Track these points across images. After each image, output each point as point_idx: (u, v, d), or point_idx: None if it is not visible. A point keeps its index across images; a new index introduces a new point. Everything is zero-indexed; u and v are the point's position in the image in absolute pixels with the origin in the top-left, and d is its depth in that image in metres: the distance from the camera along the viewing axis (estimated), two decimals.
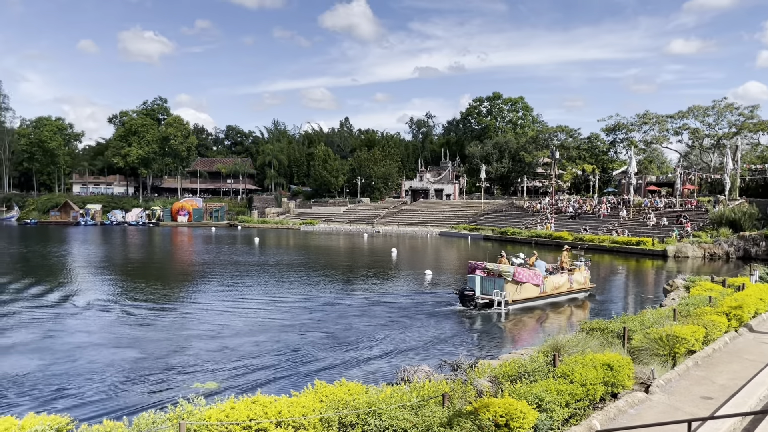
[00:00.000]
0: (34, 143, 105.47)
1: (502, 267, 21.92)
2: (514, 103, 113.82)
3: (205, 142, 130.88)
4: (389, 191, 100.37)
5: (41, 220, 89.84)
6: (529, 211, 67.85)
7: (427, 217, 77.29)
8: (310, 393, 8.21)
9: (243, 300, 23.58)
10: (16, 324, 18.67)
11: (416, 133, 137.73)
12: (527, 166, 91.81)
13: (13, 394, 11.84)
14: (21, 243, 52.79)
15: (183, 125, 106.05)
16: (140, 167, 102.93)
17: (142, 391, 12.11)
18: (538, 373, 9.65)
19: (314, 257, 42.30)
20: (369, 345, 16.18)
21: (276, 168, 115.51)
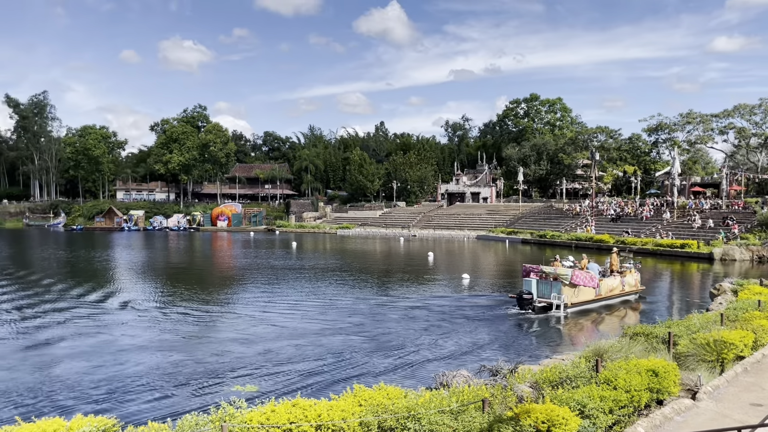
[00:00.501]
0: (80, 151, 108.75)
1: (560, 270, 21.69)
2: (552, 104, 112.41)
3: (243, 149, 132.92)
4: (425, 195, 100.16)
5: (87, 226, 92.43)
6: (569, 214, 66.81)
7: (463, 221, 76.83)
8: (350, 397, 8.23)
9: (282, 304, 23.79)
10: (64, 327, 19.22)
11: (452, 136, 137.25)
12: (566, 168, 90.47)
13: (61, 396, 12.18)
14: (68, 248, 54.41)
15: (222, 132, 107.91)
16: (181, 174, 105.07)
17: (184, 394, 12.33)
18: (580, 378, 9.48)
19: (351, 261, 42.46)
20: (407, 349, 16.14)
21: (312, 173, 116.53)
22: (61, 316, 21.05)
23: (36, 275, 33.80)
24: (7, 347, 16.53)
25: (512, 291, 26.92)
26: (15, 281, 31.05)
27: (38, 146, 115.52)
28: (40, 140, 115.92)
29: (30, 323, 19.88)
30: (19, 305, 23.48)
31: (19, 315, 21.41)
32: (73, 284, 29.84)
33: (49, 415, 7.66)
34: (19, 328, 19.15)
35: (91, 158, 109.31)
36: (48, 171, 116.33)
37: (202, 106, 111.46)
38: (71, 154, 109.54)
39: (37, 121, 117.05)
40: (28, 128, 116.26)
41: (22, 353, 15.84)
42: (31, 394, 12.23)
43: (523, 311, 21.32)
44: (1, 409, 11.36)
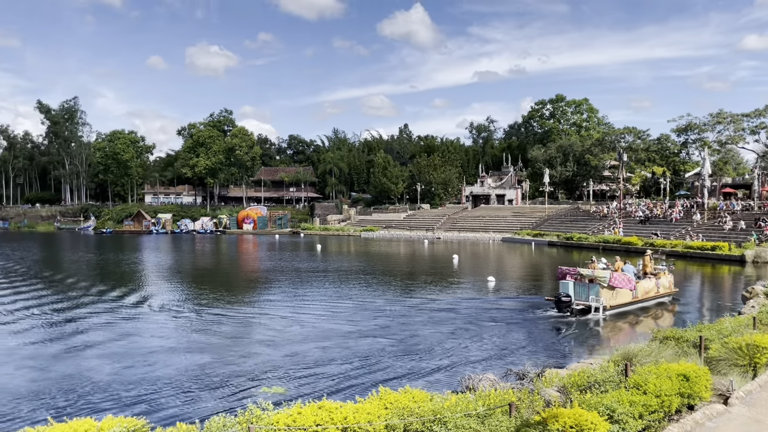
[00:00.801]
0: (109, 156, 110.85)
1: (598, 272, 21.47)
2: (578, 105, 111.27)
3: (268, 152, 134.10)
4: (449, 197, 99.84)
5: (116, 229, 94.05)
6: (596, 216, 65.99)
7: (488, 223, 76.40)
8: (375, 400, 8.22)
9: (308, 306, 23.91)
10: (95, 328, 19.57)
11: (476, 138, 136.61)
12: (593, 170, 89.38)
13: (92, 396, 12.39)
14: (98, 251, 55.41)
15: (248, 136, 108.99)
16: (207, 177, 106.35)
17: (212, 395, 12.45)
18: (608, 383, 9.36)
19: (376, 264, 42.50)
20: (433, 352, 16.09)
21: (337, 176, 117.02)
22: (92, 318, 21.43)
23: (67, 278, 34.48)
24: (40, 348, 16.88)
25: (541, 293, 26.91)
26: (47, 283, 31.70)
27: (69, 151, 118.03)
28: (71, 145, 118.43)
29: (62, 325, 20.28)
30: (51, 307, 23.97)
31: (51, 316, 21.86)
32: (104, 286, 30.37)
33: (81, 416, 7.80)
34: (52, 329, 19.55)
35: (120, 162, 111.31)
36: (78, 175, 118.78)
37: (228, 111, 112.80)
38: (101, 159, 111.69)
39: (67, 126, 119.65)
40: (59, 134, 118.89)
41: (54, 354, 16.16)
42: (63, 395, 12.46)
43: (561, 314, 21.11)
44: (33, 409, 11.60)
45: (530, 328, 19.27)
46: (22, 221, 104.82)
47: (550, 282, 33.08)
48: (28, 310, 23.26)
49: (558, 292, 21.92)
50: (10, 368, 14.71)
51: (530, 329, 19.15)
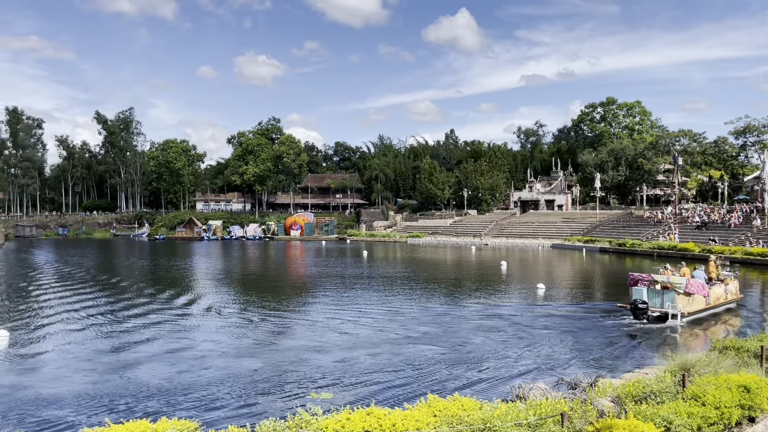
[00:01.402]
0: (162, 164, 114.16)
1: (673, 279, 21.08)
2: (630, 107, 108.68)
3: (315, 159, 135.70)
4: (497, 203, 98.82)
5: (168, 235, 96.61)
6: (650, 222, 64.17)
7: (537, 229, 75.24)
8: (424, 407, 8.16)
9: (355, 312, 23.97)
10: (149, 332, 20.11)
11: (524, 143, 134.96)
12: (646, 174, 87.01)
13: (146, 399, 12.71)
14: (152, 257, 57.06)
15: (295, 143, 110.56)
16: (256, 184, 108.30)
17: (262, 399, 12.61)
18: (665, 394, 9.07)
19: (422, 270, 42.37)
20: (481, 360, 15.90)
21: (382, 182, 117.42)
22: (147, 322, 22.04)
23: (123, 283, 35.60)
24: (96, 351, 17.44)
25: (593, 301, 26.43)
26: (104, 288, 32.79)
27: (124, 160, 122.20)
28: (126, 154, 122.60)
29: (118, 328, 20.91)
30: (107, 311, 24.77)
31: (107, 320, 22.58)
32: (158, 292, 31.21)
33: (136, 418, 7.99)
34: (108, 332, 20.18)
35: (172, 171, 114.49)
36: (133, 183, 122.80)
37: (275, 119, 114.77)
38: (154, 167, 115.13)
39: (123, 136, 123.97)
40: (115, 143, 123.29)
41: (110, 357, 16.67)
42: (119, 397, 12.83)
43: (638, 321, 20.70)
44: (91, 410, 11.97)
45: (582, 336, 18.83)
46: (80, 228, 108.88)
47: (603, 289, 32.32)
48: (87, 313, 24.08)
49: (632, 299, 21.48)
50: (69, 370, 15.24)
51: (582, 337, 18.71)
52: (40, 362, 16.26)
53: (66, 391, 13.28)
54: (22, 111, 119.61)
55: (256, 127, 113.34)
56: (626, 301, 22.77)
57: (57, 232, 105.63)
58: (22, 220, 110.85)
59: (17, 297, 29.19)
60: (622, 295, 27.50)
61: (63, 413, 11.74)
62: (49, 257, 57.06)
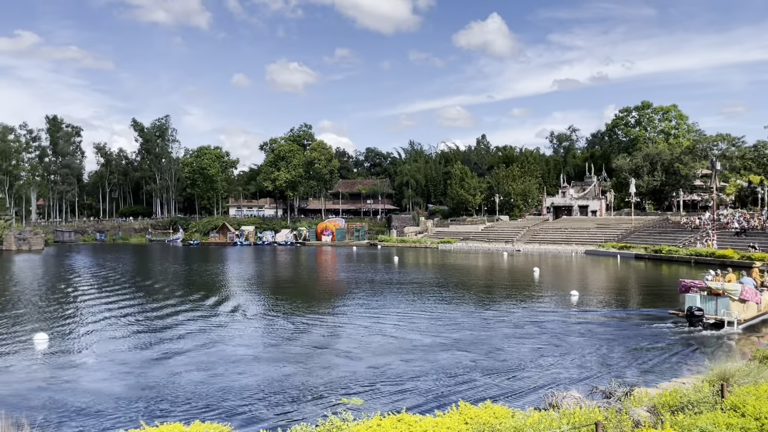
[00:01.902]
0: (196, 171, 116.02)
1: (728, 286, 20.78)
2: (666, 111, 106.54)
3: (346, 165, 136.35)
4: (529, 208, 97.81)
5: (202, 241, 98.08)
6: (687, 228, 62.74)
7: (571, 235, 74.21)
8: (455, 414, 8.10)
9: (387, 318, 23.95)
10: (184, 336, 20.41)
11: (557, 148, 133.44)
12: (683, 179, 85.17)
13: (179, 402, 12.89)
14: (186, 262, 57.97)
15: (326, 149, 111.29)
16: (288, 190, 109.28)
17: (294, 404, 12.66)
18: (703, 404, 8.85)
19: (454, 276, 42.15)
20: (513, 367, 15.71)
21: (413, 187, 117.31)
22: (181, 326, 22.38)
23: (159, 287, 36.24)
24: (132, 354, 17.76)
25: (628, 308, 25.97)
26: (139, 292, 33.43)
27: (160, 167, 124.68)
28: (162, 161, 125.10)
29: (152, 332, 21.28)
30: (142, 315, 25.23)
31: (142, 324, 23.00)
32: (192, 296, 31.68)
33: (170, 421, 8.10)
34: (143, 336, 20.55)
35: (206, 177, 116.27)
36: (168, 189, 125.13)
37: (307, 125, 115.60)
38: (188, 174, 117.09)
39: (159, 143, 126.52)
40: (151, 150, 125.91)
41: (145, 360, 16.95)
42: (153, 401, 13.03)
43: (694, 328, 20.38)
44: (126, 413, 12.18)
45: (617, 345, 18.45)
46: (117, 234, 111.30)
47: (642, 295, 31.70)
48: (123, 317, 24.58)
49: (686, 305, 21.22)
50: (105, 373, 15.56)
51: (617, 345, 18.34)
52: (77, 365, 16.63)
53: (102, 393, 13.55)
54: (62, 119, 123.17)
55: (288, 133, 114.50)
56: (676, 308, 22.52)
57: (95, 238, 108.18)
58: (61, 225, 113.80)
59: (56, 301, 29.95)
60: (661, 302, 26.94)
61: (99, 415, 11.97)
62: (86, 262, 58.44)
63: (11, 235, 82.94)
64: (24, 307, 27.66)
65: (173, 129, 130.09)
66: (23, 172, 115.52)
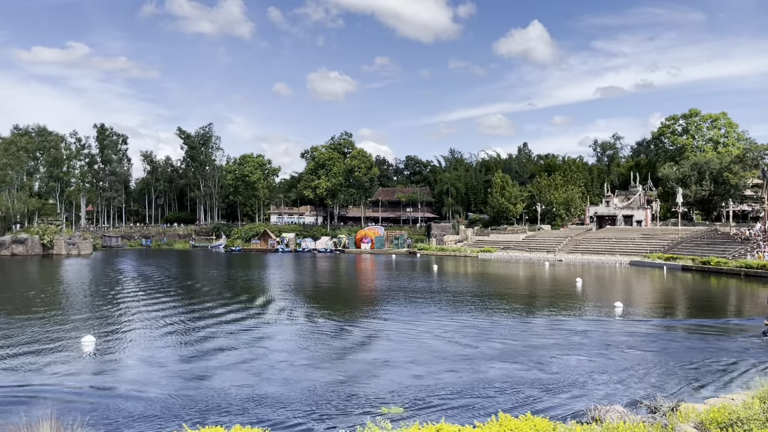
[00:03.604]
0: (239, 178, 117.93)
1: None
2: (714, 119, 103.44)
3: (386, 173, 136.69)
4: (572, 218, 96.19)
5: (244, 247, 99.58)
6: (737, 239, 60.74)
7: (614, 245, 72.66)
8: (495, 425, 8.01)
9: (427, 327, 23.80)
10: (225, 341, 20.75)
11: (600, 156, 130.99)
12: (732, 188, 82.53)
13: (220, 406, 13.08)
14: (229, 268, 58.94)
15: (366, 157, 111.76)
16: (328, 198, 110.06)
17: (334, 411, 12.71)
18: (753, 421, 8.53)
19: (494, 286, 41.72)
20: (555, 379, 15.44)
21: (453, 196, 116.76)
22: (222, 331, 22.77)
23: (201, 293, 36.96)
24: (175, 358, 18.14)
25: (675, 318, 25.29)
26: (183, 297, 34.16)
27: (203, 174, 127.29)
28: (206, 168, 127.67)
29: (195, 337, 21.69)
30: (186, 320, 25.75)
31: (185, 329, 23.47)
32: (234, 302, 32.20)
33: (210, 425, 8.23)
34: (186, 341, 20.97)
35: (248, 184, 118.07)
36: (211, 196, 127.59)
37: (347, 133, 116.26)
38: (231, 181, 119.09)
39: (203, 151, 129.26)
40: (195, 158, 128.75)
41: (188, 364, 17.29)
42: (194, 404, 13.26)
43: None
44: (167, 416, 12.43)
45: (663, 358, 17.95)
46: (162, 239, 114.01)
47: (686, 308, 30.78)
48: (167, 322, 25.13)
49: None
50: (148, 377, 15.94)
51: (663, 358, 17.83)
52: (122, 368, 17.07)
53: (145, 396, 13.86)
54: (111, 127, 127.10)
55: (328, 141, 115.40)
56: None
57: (141, 243, 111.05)
58: (108, 231, 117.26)
59: (104, 304, 30.82)
60: (709, 314, 26.14)
61: (143, 417, 12.24)
62: (133, 266, 60.01)
63: (61, 239, 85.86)
64: (72, 310, 28.56)
65: (217, 137, 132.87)
66: (73, 179, 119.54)
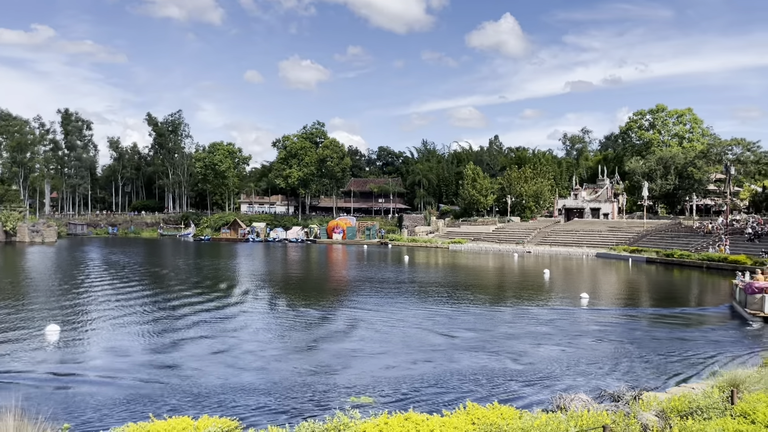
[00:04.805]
0: (208, 166, 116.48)
1: None
2: (680, 115, 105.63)
3: (358, 163, 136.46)
4: (541, 210, 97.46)
5: (213, 236, 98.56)
6: (699, 232, 62.26)
7: (582, 238, 73.87)
8: (462, 414, 8.11)
9: (397, 317, 23.92)
10: (194, 332, 20.55)
11: (570, 150, 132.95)
12: (696, 183, 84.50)
13: (189, 397, 12.97)
14: (198, 257, 58.30)
15: (338, 147, 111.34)
16: (299, 188, 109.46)
17: (303, 400, 12.72)
18: (712, 410, 8.80)
19: (464, 276, 42.09)
20: (522, 368, 15.68)
21: (425, 187, 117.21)
22: (191, 321, 22.53)
23: (169, 282, 36.51)
24: (142, 348, 17.91)
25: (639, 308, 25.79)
26: (150, 287, 33.68)
27: (172, 162, 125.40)
28: (174, 156, 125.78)
29: (163, 327, 21.44)
30: (153, 309, 25.41)
31: (153, 318, 23.16)
32: (202, 291, 31.87)
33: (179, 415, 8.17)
34: (153, 331, 20.70)
35: (218, 173, 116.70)
36: (180, 185, 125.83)
37: (320, 123, 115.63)
38: (200, 169, 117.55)
39: (172, 138, 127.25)
40: (164, 145, 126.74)
41: (155, 355, 17.09)
42: (162, 394, 13.13)
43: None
44: (134, 407, 12.28)
45: (626, 348, 18.36)
46: (129, 227, 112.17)
47: (650, 300, 31.46)
48: (134, 311, 24.74)
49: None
50: (116, 366, 15.72)
51: (626, 348, 18.25)
52: (88, 357, 16.81)
53: (112, 386, 13.68)
54: (76, 112, 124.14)
55: (300, 130, 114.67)
56: (754, 309, 23.14)
57: (107, 231, 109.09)
58: (74, 218, 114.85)
59: (68, 293, 30.23)
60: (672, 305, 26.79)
61: (109, 408, 12.08)
62: (99, 255, 58.92)
63: (25, 227, 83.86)
64: (36, 298, 27.96)
65: (186, 124, 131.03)
66: (37, 165, 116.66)
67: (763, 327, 21.81)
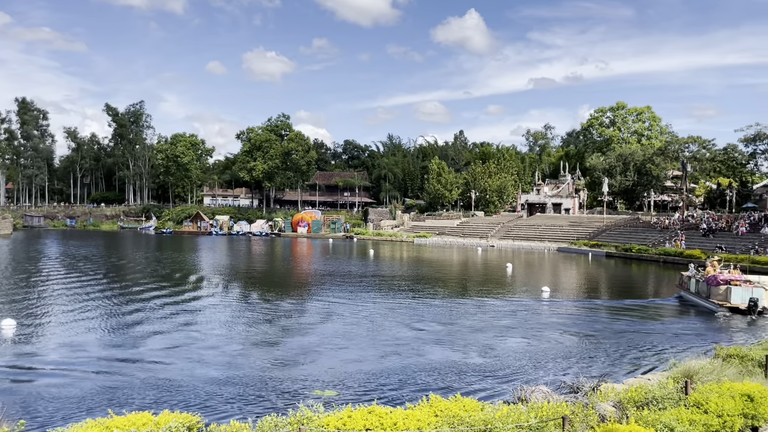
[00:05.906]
0: (170, 158, 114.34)
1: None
2: (639, 113, 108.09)
3: (324, 157, 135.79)
4: (504, 205, 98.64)
5: (176, 229, 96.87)
6: (657, 228, 63.92)
7: (544, 232, 75.10)
8: (425, 406, 8.20)
9: (361, 311, 24.00)
10: (155, 326, 20.23)
11: (533, 145, 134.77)
12: (654, 180, 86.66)
13: (149, 392, 12.80)
14: (159, 251, 57.29)
15: (304, 140, 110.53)
16: (264, 180, 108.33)
17: (266, 395, 12.67)
18: (667, 400, 9.09)
19: (428, 270, 42.37)
20: (484, 361, 15.91)
21: (391, 181, 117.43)
22: (151, 315, 22.17)
23: (129, 276, 35.81)
24: (101, 343, 17.56)
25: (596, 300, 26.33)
26: (109, 281, 32.98)
27: (133, 153, 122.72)
28: (135, 147, 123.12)
29: (123, 321, 21.04)
30: (112, 303, 24.91)
31: (112, 313, 22.70)
32: (164, 285, 31.37)
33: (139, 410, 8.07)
34: (113, 325, 20.31)
35: (180, 165, 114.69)
36: (141, 176, 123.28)
37: (285, 115, 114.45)
38: (162, 161, 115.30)
39: (133, 129, 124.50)
40: (124, 136, 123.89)
41: (114, 350, 16.79)
42: (122, 390, 12.92)
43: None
44: (93, 402, 12.06)
45: (585, 340, 18.80)
46: (88, 220, 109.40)
47: (608, 293, 32.20)
48: (92, 305, 24.23)
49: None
50: (74, 361, 15.38)
51: (585, 341, 18.68)
52: (45, 352, 16.41)
53: (70, 382, 13.40)
54: (32, 101, 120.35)
55: (265, 123, 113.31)
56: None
57: (65, 223, 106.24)
58: (30, 210, 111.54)
59: (25, 287, 29.41)
60: (629, 297, 27.48)
61: (67, 404, 11.84)
62: (56, 248, 57.40)
63: None
64: None
65: (147, 115, 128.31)
66: None
67: (732, 316, 23.18)
